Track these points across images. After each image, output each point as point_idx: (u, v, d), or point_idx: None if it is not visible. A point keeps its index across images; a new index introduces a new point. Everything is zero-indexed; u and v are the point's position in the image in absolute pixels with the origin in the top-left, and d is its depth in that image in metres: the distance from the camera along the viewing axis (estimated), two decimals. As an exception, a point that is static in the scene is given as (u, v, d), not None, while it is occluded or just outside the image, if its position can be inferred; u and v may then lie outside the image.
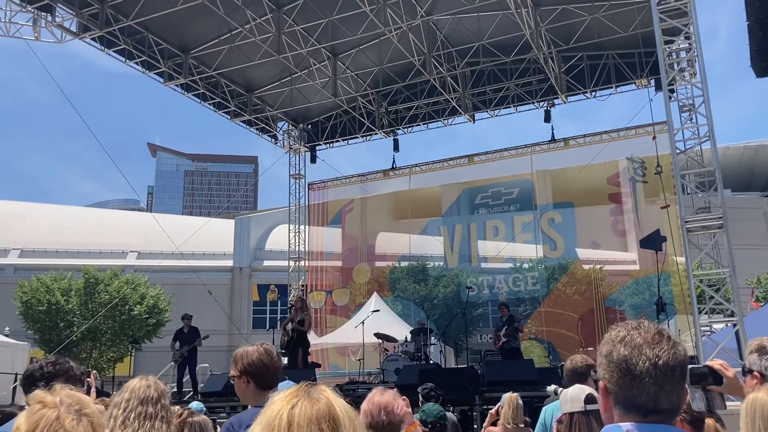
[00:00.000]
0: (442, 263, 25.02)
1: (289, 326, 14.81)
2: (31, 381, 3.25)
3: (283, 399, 1.45)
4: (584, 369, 4.50)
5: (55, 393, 1.64)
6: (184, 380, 15.24)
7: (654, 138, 16.82)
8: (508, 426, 5.44)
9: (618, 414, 1.48)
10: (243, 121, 21.23)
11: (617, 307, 21.05)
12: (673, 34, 12.47)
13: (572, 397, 3.46)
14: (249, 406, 3.32)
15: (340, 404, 1.48)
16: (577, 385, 3.71)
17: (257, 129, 22.06)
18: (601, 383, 1.54)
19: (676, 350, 1.48)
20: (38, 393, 1.64)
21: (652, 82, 18.03)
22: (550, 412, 4.40)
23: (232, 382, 3.41)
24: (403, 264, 26.73)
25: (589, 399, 3.41)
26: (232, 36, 17.51)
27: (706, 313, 11.57)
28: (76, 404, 1.62)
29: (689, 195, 12.47)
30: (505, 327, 14.35)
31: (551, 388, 5.26)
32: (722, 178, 12.07)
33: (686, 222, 11.68)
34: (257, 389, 3.20)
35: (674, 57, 13.08)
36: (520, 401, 5.54)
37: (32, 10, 15.17)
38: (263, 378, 3.21)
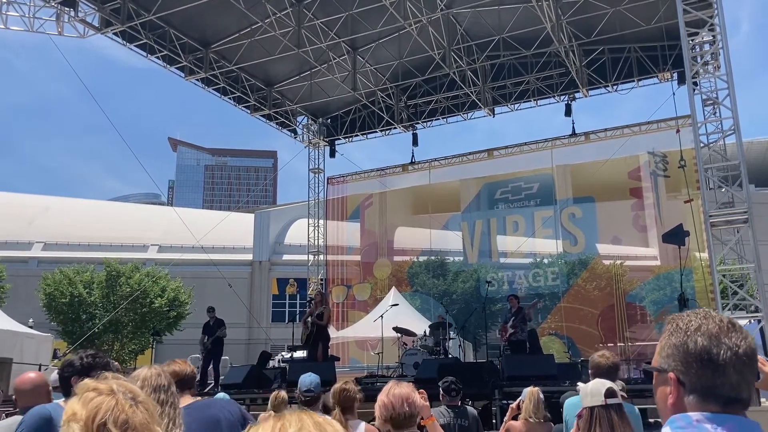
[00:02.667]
0: (461, 258, 24.95)
1: (309, 320, 14.88)
2: (70, 370, 3.33)
3: None
4: (611, 368, 4.43)
5: (108, 381, 1.65)
6: (207, 371, 15.41)
7: (678, 131, 16.63)
8: (530, 420, 5.42)
9: (693, 404, 1.45)
10: (263, 116, 21.30)
11: (638, 303, 20.88)
12: (698, 26, 12.30)
13: (592, 390, 3.43)
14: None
15: None
16: (597, 379, 3.67)
17: (277, 123, 22.13)
18: (671, 375, 1.50)
19: (747, 339, 1.47)
20: (89, 381, 1.65)
21: (675, 75, 17.82)
22: (572, 408, 4.36)
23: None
24: (422, 259, 26.70)
25: (610, 393, 3.38)
26: (253, 30, 17.57)
27: (729, 309, 11.43)
28: (129, 392, 1.63)
29: (712, 190, 12.31)
30: (513, 318, 14.03)
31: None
32: (747, 175, 11.90)
33: (710, 216, 11.54)
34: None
35: (698, 50, 12.91)
36: (541, 395, 5.51)
37: (56, 6, 15.34)
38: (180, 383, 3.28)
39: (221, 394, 6.66)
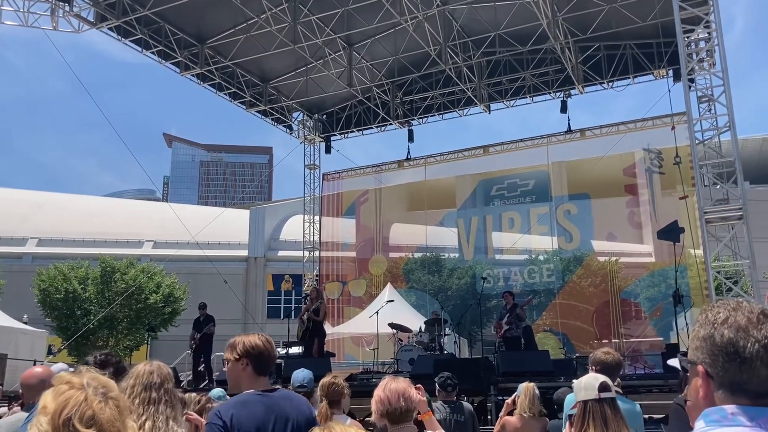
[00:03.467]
0: (457, 255, 24.97)
1: (305, 316, 14.88)
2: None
3: None
4: (615, 365, 4.44)
5: (81, 375, 1.64)
6: (199, 368, 15.39)
7: (673, 128, 16.67)
8: (525, 415, 5.42)
9: (722, 399, 1.41)
10: (258, 111, 21.27)
11: (632, 300, 20.91)
12: (693, 23, 12.32)
13: (586, 384, 3.43)
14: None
15: None
16: (591, 373, 3.68)
17: (272, 119, 22.10)
18: (699, 368, 1.46)
19: None
20: (64, 374, 1.64)
21: (670, 72, 17.85)
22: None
23: (224, 368, 3.45)
24: (417, 255, 26.71)
25: (603, 387, 3.38)
26: (248, 26, 17.53)
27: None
28: (102, 387, 1.61)
29: (707, 187, 12.36)
30: (507, 315, 14.04)
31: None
32: (741, 172, 11.94)
33: (705, 213, 11.57)
34: (254, 374, 3.24)
35: (693, 46, 12.94)
36: (537, 391, 5.52)
37: (50, 1, 15.26)
38: (262, 363, 3.26)
39: (216, 390, 6.66)
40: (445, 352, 15.45)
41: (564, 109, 19.84)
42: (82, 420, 1.52)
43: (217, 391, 6.23)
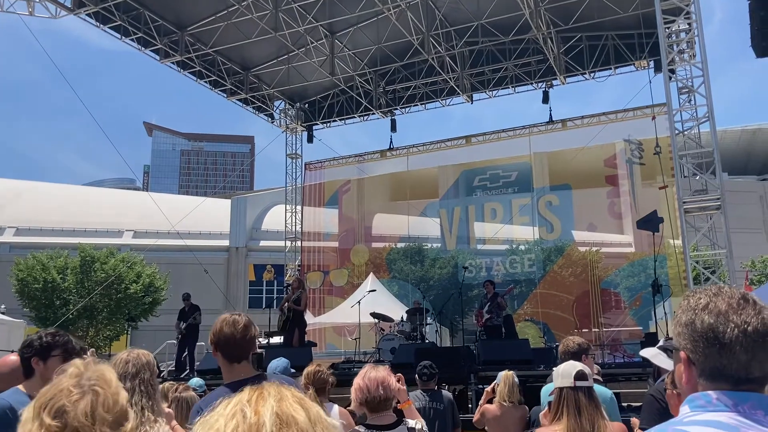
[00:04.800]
0: (440, 245, 25.02)
1: (286, 306, 14.84)
2: (29, 350, 3.28)
3: (218, 418, 1.16)
4: (577, 350, 4.53)
5: (85, 366, 1.62)
6: (183, 357, 15.32)
7: (653, 119, 16.77)
8: (504, 403, 5.45)
9: (704, 385, 1.41)
10: (239, 100, 21.09)
11: (612, 290, 21.09)
12: (674, 14, 12.38)
13: (563, 372, 3.49)
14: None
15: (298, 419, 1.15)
16: (570, 361, 3.71)
17: (254, 108, 21.93)
18: (682, 354, 1.46)
19: (764, 315, 1.39)
20: (78, 361, 1.63)
21: (651, 63, 17.95)
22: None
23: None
24: (401, 245, 26.73)
25: (579, 375, 3.43)
26: (229, 13, 17.34)
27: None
28: (94, 379, 1.59)
29: (687, 178, 12.47)
30: (488, 304, 14.10)
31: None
32: (720, 162, 12.06)
33: (684, 203, 11.68)
34: (226, 362, 3.04)
35: (674, 38, 13.01)
36: (516, 379, 5.54)
37: (26, -15, 14.99)
38: (230, 349, 3.03)
39: (195, 380, 6.62)
40: (427, 341, 15.49)
41: (546, 99, 19.90)
42: (51, 411, 1.52)
43: (195, 381, 6.19)
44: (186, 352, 15.36)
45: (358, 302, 16.37)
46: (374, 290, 18.67)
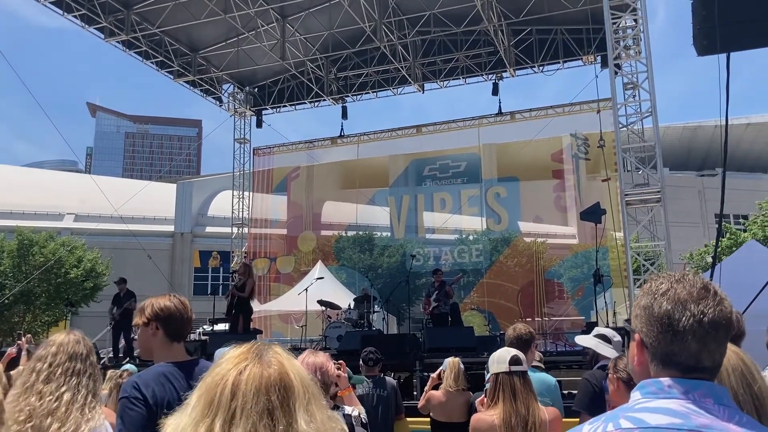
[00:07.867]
0: (388, 234, 25.09)
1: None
2: None
3: (230, 360, 1.33)
4: (528, 337, 4.59)
5: None
6: (120, 345, 14.95)
7: (598, 112, 17.12)
8: (450, 390, 5.49)
9: (655, 370, 1.42)
10: (187, 82, 20.63)
11: (556, 280, 21.57)
12: (621, 11, 12.63)
13: (498, 358, 3.62)
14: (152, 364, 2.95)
15: (294, 370, 1.34)
16: (504, 348, 3.82)
17: (201, 90, 21.49)
18: (636, 336, 1.47)
19: (723, 306, 1.40)
20: None
21: (599, 58, 18.31)
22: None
23: (134, 335, 3.25)
24: (350, 234, 26.69)
25: (514, 361, 3.56)
26: (177, -8, 16.91)
27: (641, 285, 11.93)
28: None
29: (629, 172, 12.78)
30: (436, 292, 14.20)
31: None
32: (661, 156, 12.41)
33: (626, 195, 11.98)
34: (166, 339, 2.89)
35: (621, 33, 13.28)
36: (462, 366, 5.59)
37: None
38: (174, 327, 2.91)
39: (128, 365, 6.49)
40: (374, 328, 15.54)
41: (495, 91, 20.08)
42: None
43: (129, 366, 6.06)
44: (123, 339, 14.95)
45: (306, 290, 16.28)
46: (322, 278, 18.60)
